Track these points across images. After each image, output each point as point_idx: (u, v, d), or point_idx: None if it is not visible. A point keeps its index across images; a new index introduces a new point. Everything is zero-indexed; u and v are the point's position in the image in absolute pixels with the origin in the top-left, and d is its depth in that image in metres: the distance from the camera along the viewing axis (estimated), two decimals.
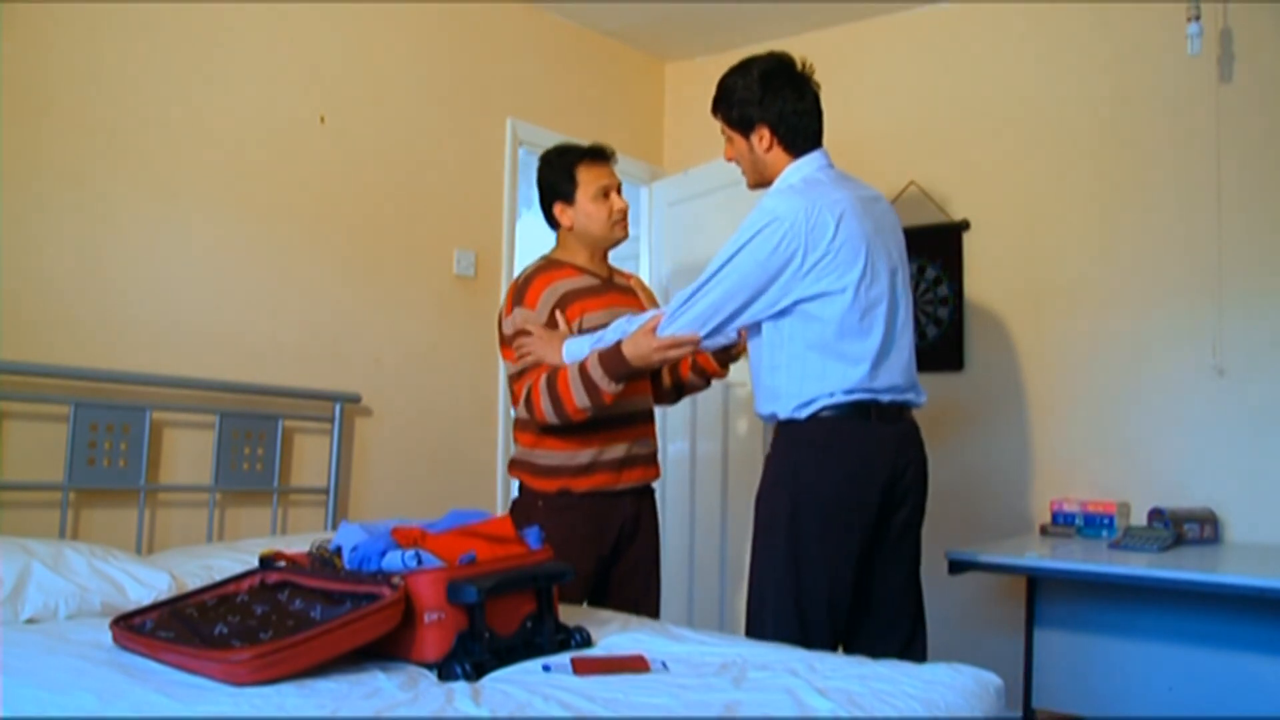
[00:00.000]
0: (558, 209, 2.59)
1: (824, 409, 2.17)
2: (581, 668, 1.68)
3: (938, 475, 3.80)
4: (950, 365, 3.81)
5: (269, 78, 3.20)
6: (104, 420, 2.70)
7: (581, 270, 2.58)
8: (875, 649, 2.12)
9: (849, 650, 2.23)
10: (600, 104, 4.39)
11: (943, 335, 3.83)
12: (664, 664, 1.73)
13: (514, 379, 2.48)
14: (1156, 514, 3.11)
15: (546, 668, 1.69)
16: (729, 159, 2.42)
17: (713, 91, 2.44)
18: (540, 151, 4.24)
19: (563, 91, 4.22)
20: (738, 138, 2.36)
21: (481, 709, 1.44)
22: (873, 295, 2.18)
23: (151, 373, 2.83)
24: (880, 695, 1.55)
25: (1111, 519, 3.27)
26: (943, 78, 3.94)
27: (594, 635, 1.90)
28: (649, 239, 4.54)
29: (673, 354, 2.24)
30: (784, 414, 2.22)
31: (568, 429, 2.41)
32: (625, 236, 2.61)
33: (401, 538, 1.81)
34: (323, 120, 3.34)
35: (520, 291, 2.50)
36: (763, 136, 2.33)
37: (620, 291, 2.63)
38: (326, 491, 3.23)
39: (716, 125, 2.42)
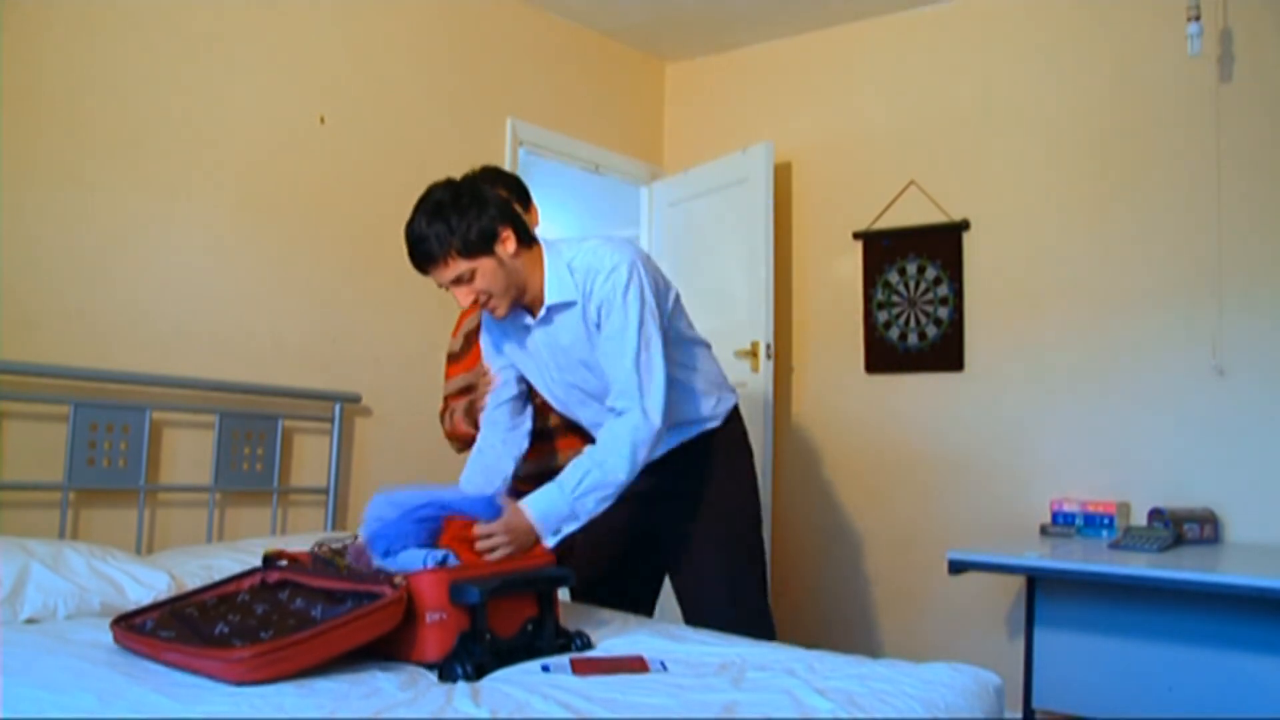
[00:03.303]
0: None
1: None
2: (581, 668, 1.68)
3: (938, 475, 3.84)
4: (950, 365, 3.81)
5: (269, 78, 3.20)
6: (104, 420, 2.70)
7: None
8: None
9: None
10: (600, 104, 4.39)
11: (943, 335, 3.83)
12: (663, 664, 1.73)
13: (444, 398, 2.61)
14: (1156, 514, 3.12)
15: (546, 668, 1.69)
16: (476, 294, 2.02)
17: (713, 92, 2.40)
18: (541, 151, 4.27)
19: (563, 91, 4.22)
20: (482, 261, 1.98)
21: (481, 709, 1.44)
22: None
23: (151, 373, 2.83)
24: (880, 695, 1.55)
25: (1111, 519, 3.27)
26: (943, 78, 3.94)
27: (593, 635, 1.90)
28: (649, 239, 4.54)
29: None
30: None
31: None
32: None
33: (451, 533, 1.80)
34: (323, 120, 3.34)
35: (456, 322, 2.67)
36: (506, 240, 2.00)
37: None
38: (326, 491, 3.23)
39: (716, 125, 2.41)
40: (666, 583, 2.46)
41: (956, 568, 2.93)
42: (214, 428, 2.95)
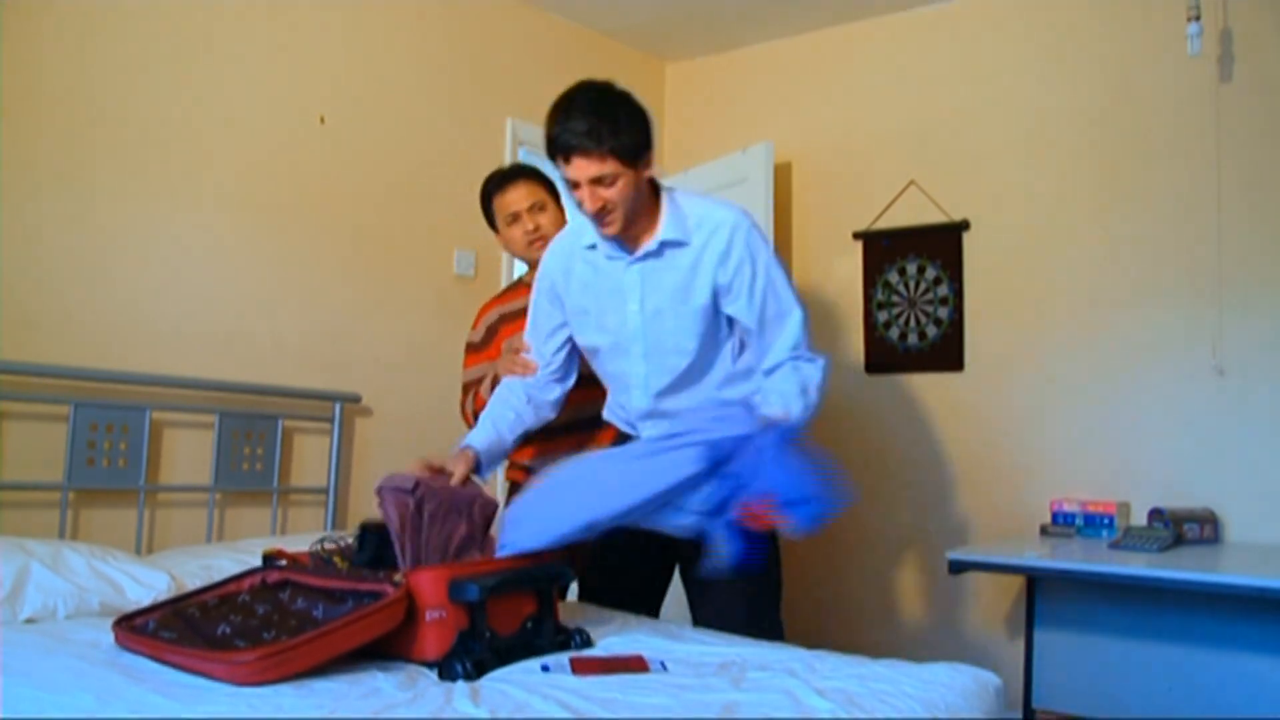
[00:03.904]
0: (495, 236, 2.71)
1: None
2: (580, 668, 1.68)
3: (938, 475, 3.83)
4: (950, 365, 3.81)
5: (269, 78, 3.20)
6: (103, 420, 2.70)
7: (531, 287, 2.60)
8: None
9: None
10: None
11: (943, 335, 3.83)
12: (663, 664, 1.73)
13: (462, 386, 2.66)
14: (1156, 514, 3.11)
15: (545, 668, 1.69)
16: (605, 203, 1.94)
17: (713, 92, 2.38)
18: (541, 151, 4.25)
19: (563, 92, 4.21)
20: (629, 171, 1.93)
21: (480, 709, 1.44)
22: None
23: (151, 373, 2.83)
24: (879, 695, 1.55)
25: (1111, 519, 3.27)
26: (943, 78, 3.94)
27: (593, 635, 1.90)
28: None
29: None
30: None
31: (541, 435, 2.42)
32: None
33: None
34: (323, 120, 3.34)
35: (478, 314, 2.74)
36: (650, 162, 2.00)
37: None
38: (326, 491, 3.23)
39: (716, 125, 2.40)
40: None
41: (956, 568, 2.92)
42: (214, 428, 2.95)
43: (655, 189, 2.06)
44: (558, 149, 1.94)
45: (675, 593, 2.42)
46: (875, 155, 4.08)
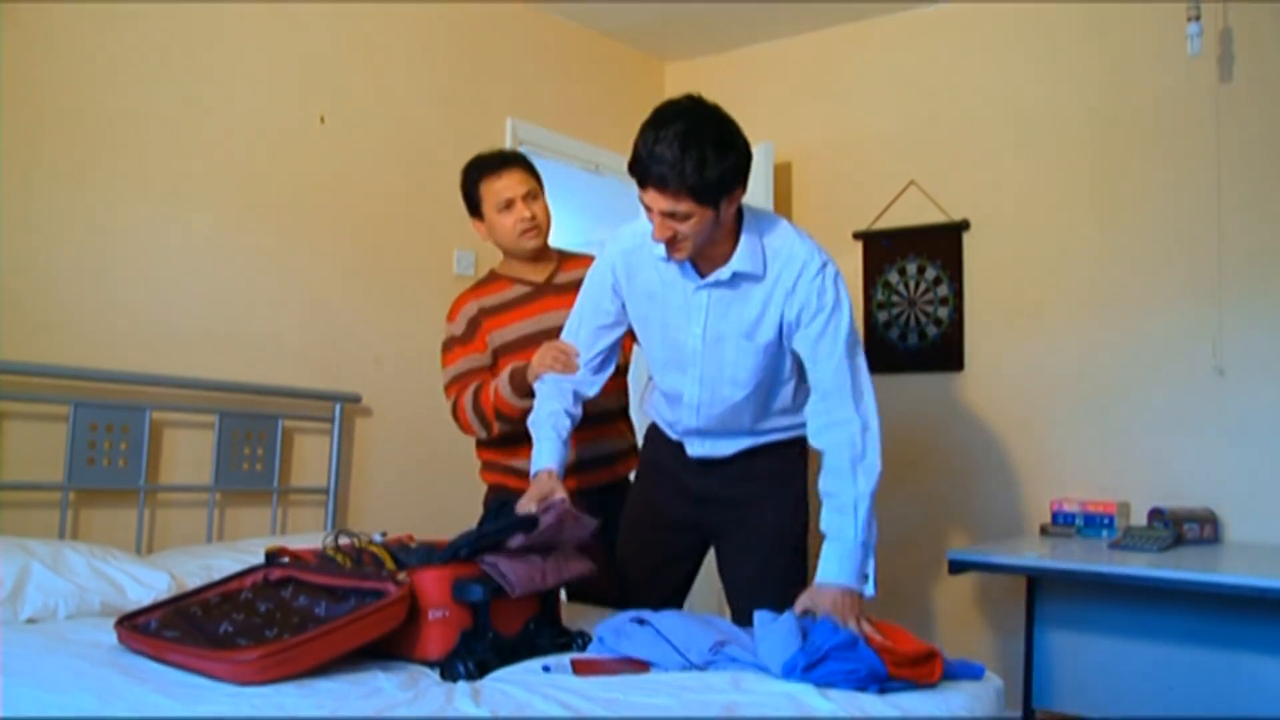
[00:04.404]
0: (474, 224, 2.58)
1: None
2: (581, 668, 1.68)
3: (938, 475, 3.83)
4: (950, 365, 3.81)
5: (269, 78, 3.20)
6: (104, 420, 2.70)
7: (515, 280, 2.54)
8: None
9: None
10: (600, 104, 4.39)
11: (943, 335, 3.84)
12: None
13: (445, 386, 2.52)
14: (1156, 514, 3.12)
15: (547, 668, 1.69)
16: (675, 233, 1.87)
17: (713, 92, 2.34)
18: (540, 151, 4.26)
19: (563, 91, 4.22)
20: (705, 210, 1.84)
21: (481, 709, 1.44)
22: None
23: (151, 372, 2.83)
24: (879, 695, 1.55)
25: (1111, 519, 3.27)
26: (943, 78, 3.94)
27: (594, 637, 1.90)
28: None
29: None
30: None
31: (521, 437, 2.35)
32: (537, 244, 2.49)
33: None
34: (323, 120, 3.34)
35: (452, 307, 2.56)
36: (735, 199, 1.90)
37: (558, 293, 2.49)
38: (326, 491, 3.23)
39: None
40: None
41: (956, 568, 2.92)
42: (214, 428, 2.95)
43: (740, 214, 1.97)
44: (636, 172, 1.85)
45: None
46: (875, 155, 4.08)
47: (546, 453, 2.08)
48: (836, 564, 1.91)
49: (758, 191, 3.97)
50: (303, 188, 3.27)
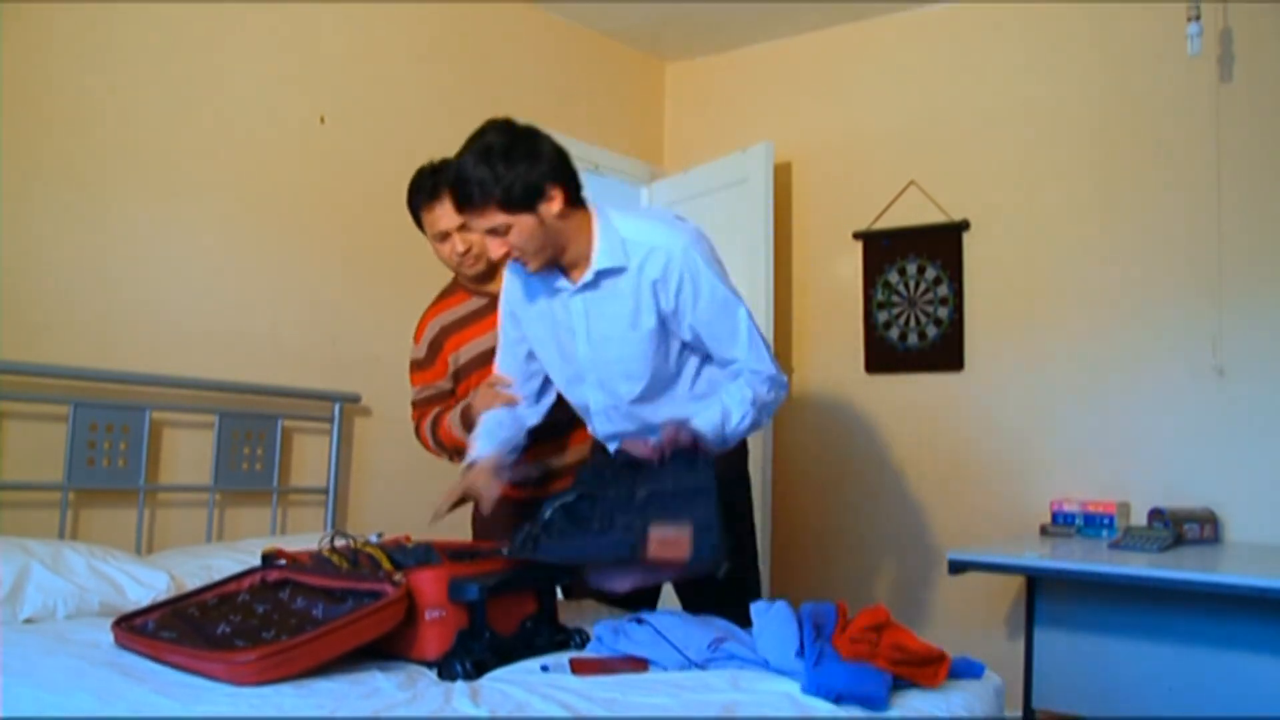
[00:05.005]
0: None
1: None
2: (580, 668, 1.68)
3: (938, 475, 3.83)
4: (950, 365, 3.81)
5: (269, 78, 3.20)
6: (103, 420, 2.70)
7: (471, 292, 2.48)
8: None
9: None
10: (600, 104, 4.39)
11: (943, 335, 3.83)
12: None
13: (411, 404, 2.53)
14: (1156, 514, 3.11)
15: (545, 668, 1.69)
16: (508, 250, 1.94)
17: (713, 92, 2.33)
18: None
19: (563, 91, 4.22)
20: (521, 218, 1.89)
21: (480, 709, 1.44)
22: None
23: (151, 372, 2.83)
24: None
25: (1111, 519, 3.27)
26: (943, 78, 3.94)
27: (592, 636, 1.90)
28: None
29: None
30: None
31: None
32: (477, 271, 2.41)
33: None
34: (323, 120, 3.34)
35: (418, 324, 2.53)
36: (554, 199, 1.92)
37: None
38: (326, 491, 3.23)
39: (716, 125, 2.37)
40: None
41: (956, 568, 2.92)
42: (214, 428, 2.95)
43: (591, 212, 2.00)
44: (452, 204, 1.97)
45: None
46: (875, 155, 4.08)
47: (476, 450, 2.12)
48: (701, 415, 1.95)
49: (758, 191, 3.98)
50: (303, 188, 3.27)
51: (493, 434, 2.15)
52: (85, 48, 2.79)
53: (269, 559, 1.87)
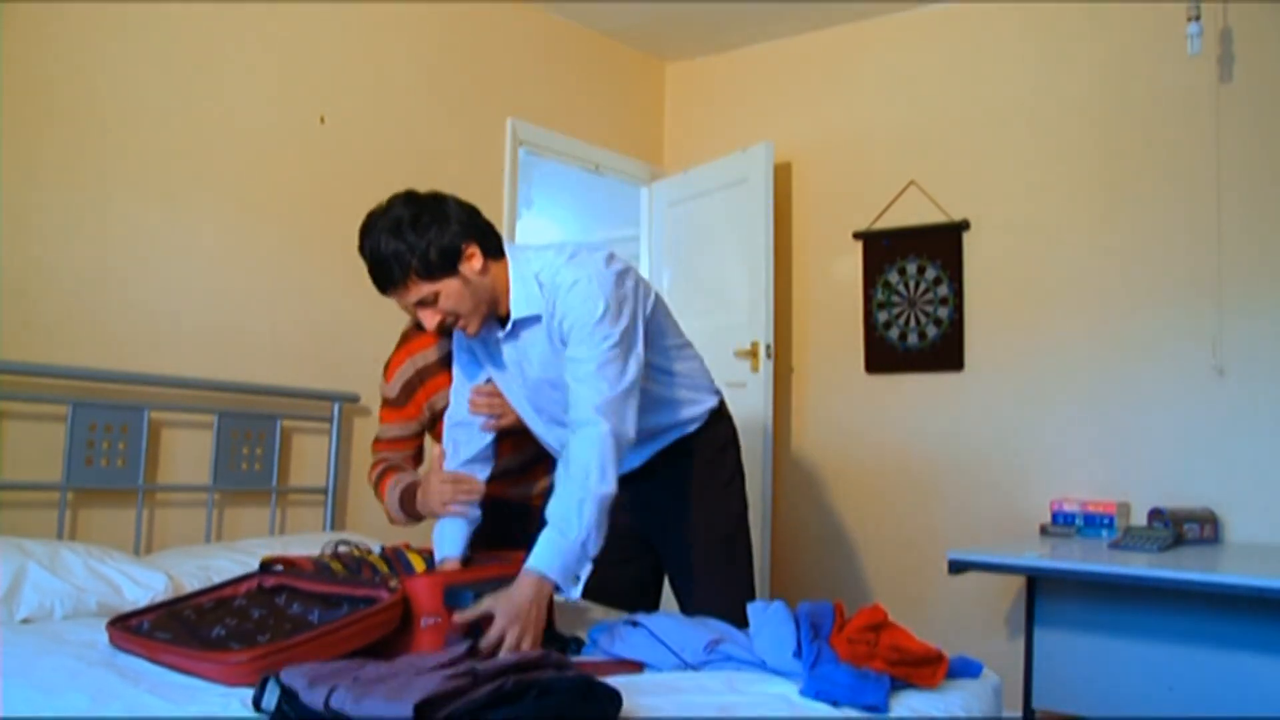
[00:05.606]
0: None
1: None
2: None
3: (938, 475, 3.83)
4: (950, 365, 3.81)
5: (269, 78, 3.20)
6: (102, 420, 2.70)
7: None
8: None
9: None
10: (600, 104, 4.39)
11: (943, 335, 3.83)
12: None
13: (373, 442, 2.39)
14: (1156, 514, 3.11)
15: None
16: (443, 318, 1.92)
17: (713, 92, 2.32)
18: (541, 151, 4.26)
19: (563, 91, 4.22)
20: (446, 282, 1.88)
21: None
22: None
23: (150, 372, 2.83)
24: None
25: (1111, 519, 3.26)
26: (943, 78, 3.94)
27: (587, 640, 1.90)
28: (649, 240, 4.54)
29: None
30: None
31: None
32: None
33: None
34: (323, 120, 3.34)
35: (387, 364, 2.39)
36: (472, 256, 1.89)
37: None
38: (325, 491, 3.23)
39: (716, 125, 2.36)
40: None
41: (956, 568, 2.92)
42: (213, 427, 2.95)
43: (510, 261, 1.96)
44: (375, 285, 1.94)
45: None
46: (875, 155, 4.07)
47: (444, 549, 2.04)
48: (550, 553, 1.76)
49: (758, 191, 3.98)
50: (303, 188, 3.27)
51: (455, 542, 2.05)
52: (85, 48, 2.79)
53: (266, 565, 1.87)
